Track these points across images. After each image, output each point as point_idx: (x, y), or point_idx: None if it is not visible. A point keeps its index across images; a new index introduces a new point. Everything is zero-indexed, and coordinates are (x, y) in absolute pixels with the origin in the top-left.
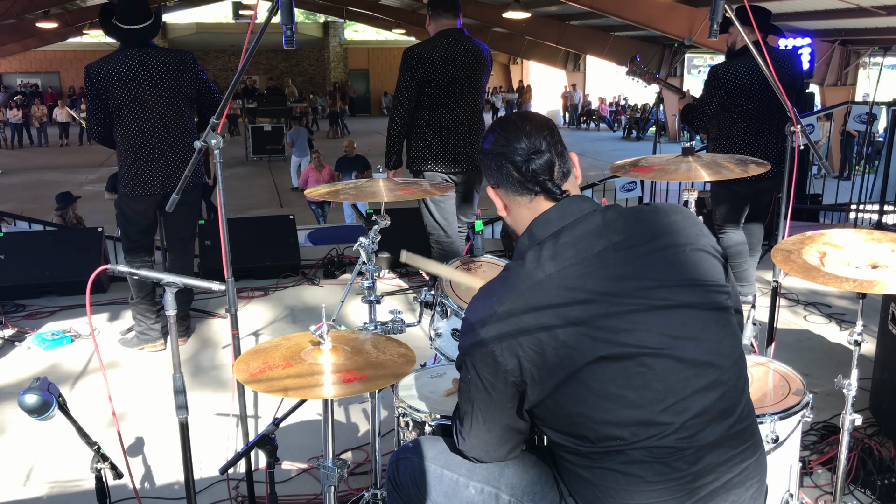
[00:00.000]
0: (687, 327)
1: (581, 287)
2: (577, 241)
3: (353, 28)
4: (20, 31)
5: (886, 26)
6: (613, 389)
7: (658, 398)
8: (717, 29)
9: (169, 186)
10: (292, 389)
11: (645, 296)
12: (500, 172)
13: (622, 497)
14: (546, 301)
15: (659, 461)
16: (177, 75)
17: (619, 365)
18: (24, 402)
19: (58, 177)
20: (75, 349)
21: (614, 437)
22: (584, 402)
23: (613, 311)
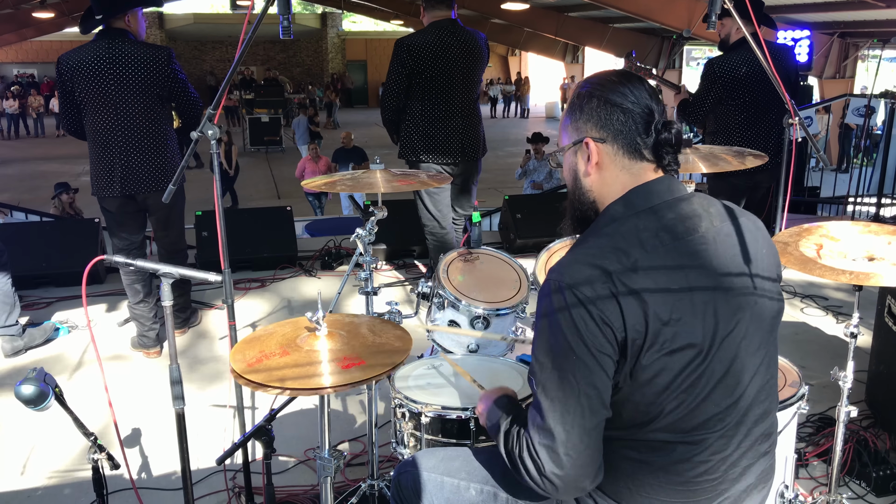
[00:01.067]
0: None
1: (688, 265)
2: (683, 217)
3: (350, 19)
4: (16, 21)
5: (885, 18)
6: (679, 382)
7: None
8: (714, 20)
9: (129, 189)
10: (289, 382)
11: (743, 293)
12: (617, 128)
13: (630, 485)
14: (655, 265)
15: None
16: (145, 71)
17: (700, 359)
18: (21, 392)
19: (55, 167)
20: (72, 340)
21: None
22: (661, 388)
23: (719, 301)
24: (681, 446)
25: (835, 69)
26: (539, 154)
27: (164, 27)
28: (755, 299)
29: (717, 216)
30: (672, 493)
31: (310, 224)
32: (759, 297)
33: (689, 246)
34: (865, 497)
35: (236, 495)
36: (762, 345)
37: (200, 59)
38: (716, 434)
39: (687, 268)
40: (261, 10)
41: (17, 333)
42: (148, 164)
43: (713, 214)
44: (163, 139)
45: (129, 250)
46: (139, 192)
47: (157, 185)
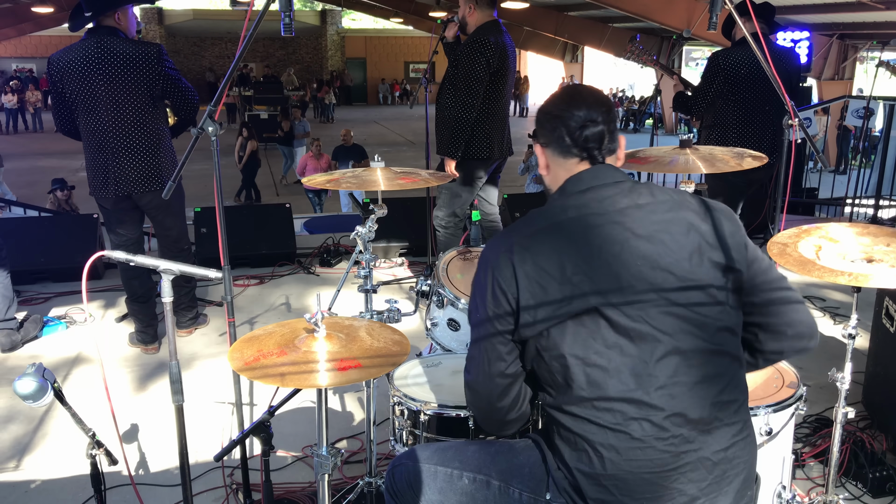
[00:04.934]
0: (682, 315)
1: (595, 238)
2: (603, 198)
3: (350, 16)
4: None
5: (885, 20)
6: (603, 340)
7: (644, 365)
8: (716, 21)
9: (122, 190)
10: (287, 377)
11: (654, 263)
12: (553, 133)
13: (609, 452)
14: (561, 240)
15: (642, 419)
16: (135, 70)
17: (611, 321)
18: (19, 387)
19: (53, 163)
20: (70, 335)
21: (601, 386)
22: (576, 345)
23: (624, 269)
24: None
25: (833, 71)
26: None
27: (164, 23)
28: (666, 296)
29: (644, 195)
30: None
31: (309, 221)
32: (670, 293)
33: (605, 218)
34: (862, 498)
35: (234, 492)
36: (680, 341)
37: (200, 55)
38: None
39: (596, 238)
40: (261, 7)
41: (14, 328)
42: (141, 164)
43: (642, 193)
44: (155, 138)
45: (126, 246)
46: (133, 192)
47: (150, 184)
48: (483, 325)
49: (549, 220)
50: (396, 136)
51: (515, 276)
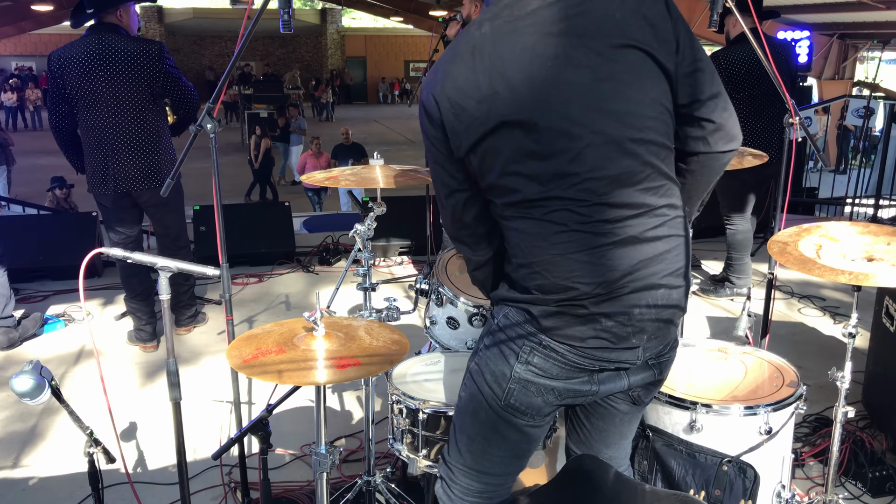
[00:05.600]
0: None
1: (509, 47)
2: (513, 4)
3: (350, 15)
4: (15, 14)
5: (885, 20)
6: (525, 148)
7: (565, 156)
8: (717, 20)
9: (121, 187)
10: (285, 374)
11: (567, 59)
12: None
13: (543, 245)
14: (476, 58)
15: (568, 209)
16: (136, 67)
17: (528, 132)
18: (17, 385)
19: (52, 161)
20: (69, 333)
21: (522, 190)
22: (502, 158)
23: (536, 73)
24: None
25: (834, 70)
26: None
27: (164, 21)
28: (584, 95)
29: (553, 11)
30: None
31: (308, 220)
32: (589, 108)
33: (513, 25)
34: (861, 497)
35: (232, 490)
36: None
37: (199, 53)
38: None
39: (507, 49)
40: (260, 4)
41: (13, 325)
42: (140, 161)
43: (549, 7)
44: (155, 136)
45: (125, 244)
46: (132, 189)
47: (149, 182)
48: (429, 154)
49: (465, 41)
50: (396, 135)
51: (437, 104)
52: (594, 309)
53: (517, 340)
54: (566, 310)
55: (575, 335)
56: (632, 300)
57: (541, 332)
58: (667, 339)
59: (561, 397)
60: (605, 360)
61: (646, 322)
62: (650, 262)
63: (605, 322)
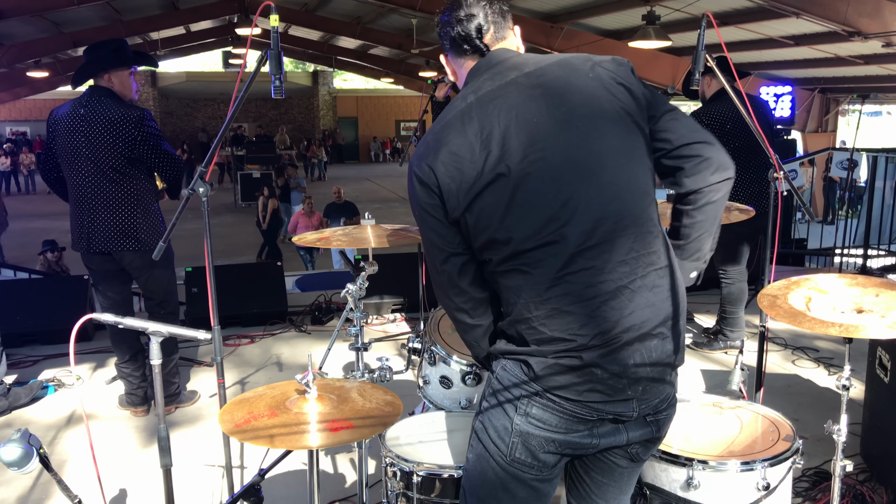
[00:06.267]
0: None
1: (495, 110)
2: (494, 75)
3: (341, 77)
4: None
5: (864, 75)
6: (517, 199)
7: (554, 206)
8: (698, 78)
9: (95, 246)
10: (277, 439)
11: (550, 118)
12: (445, 39)
13: (537, 301)
14: (465, 124)
15: (558, 260)
16: (114, 131)
17: (519, 184)
18: (4, 454)
19: (44, 224)
20: (59, 398)
21: (515, 239)
22: (496, 212)
23: (523, 129)
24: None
25: (817, 123)
26: None
27: (157, 85)
28: (563, 164)
29: (531, 63)
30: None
31: (300, 279)
32: (570, 162)
33: (497, 92)
34: None
35: None
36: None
37: (192, 115)
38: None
39: (493, 113)
40: (253, 68)
41: (2, 393)
42: (116, 222)
43: (529, 63)
44: (134, 198)
45: (114, 307)
46: (106, 249)
47: (126, 243)
48: (422, 223)
49: (453, 112)
50: (388, 193)
51: (432, 169)
52: (589, 360)
53: (514, 391)
54: (562, 361)
55: (571, 386)
56: (625, 353)
57: (537, 382)
58: (662, 394)
59: (562, 448)
60: (602, 410)
61: (640, 375)
62: (640, 311)
63: (600, 374)
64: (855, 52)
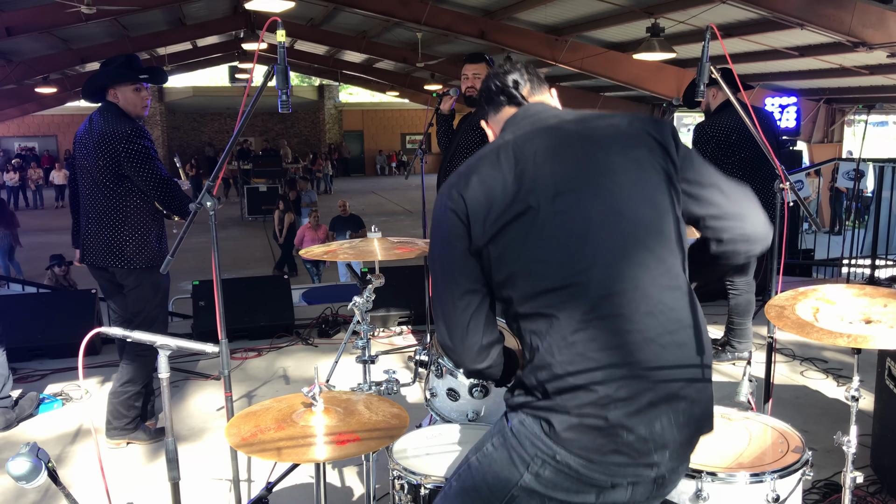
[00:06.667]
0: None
1: (531, 148)
2: (534, 122)
3: (347, 91)
4: (19, 97)
5: (869, 85)
6: (545, 234)
7: (582, 244)
8: (703, 89)
9: (87, 258)
10: (284, 452)
11: (587, 166)
12: (483, 102)
13: (561, 345)
14: (501, 159)
15: (584, 301)
16: (102, 147)
17: (547, 220)
18: (13, 468)
19: (52, 239)
20: (66, 413)
21: (541, 276)
22: (523, 246)
23: (558, 168)
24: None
25: (822, 134)
26: None
27: (164, 100)
28: (594, 207)
29: (572, 113)
30: None
31: (307, 292)
32: (605, 207)
33: (535, 133)
34: None
35: None
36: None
37: (199, 130)
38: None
39: (530, 150)
40: (260, 83)
41: (9, 406)
42: (102, 236)
43: (570, 113)
44: (121, 215)
45: (120, 321)
46: (94, 263)
47: (112, 259)
48: (444, 255)
49: (489, 147)
50: (394, 206)
51: (462, 198)
52: (615, 420)
53: (530, 449)
54: (586, 421)
55: (594, 448)
56: (652, 414)
57: (557, 444)
58: (685, 459)
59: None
60: (622, 474)
61: (666, 439)
62: (669, 371)
63: (626, 436)
64: (860, 62)
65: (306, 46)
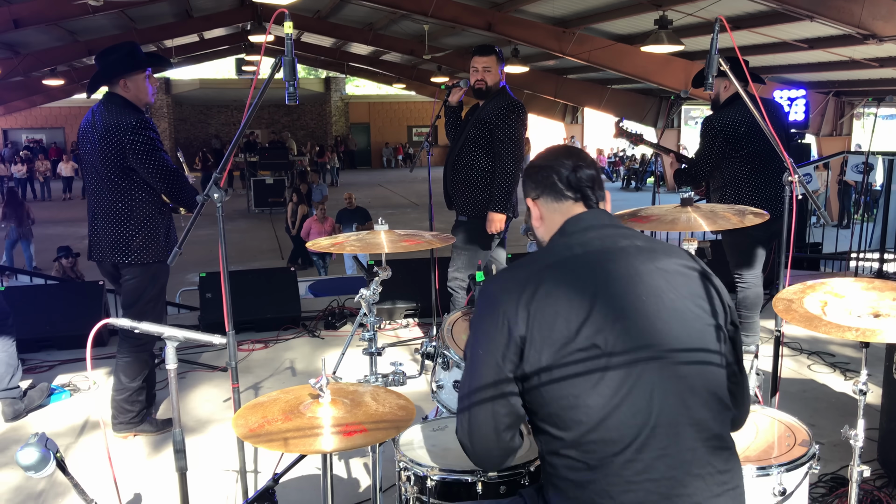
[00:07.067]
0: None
1: (602, 273)
2: (603, 236)
3: (354, 83)
4: (27, 89)
5: (879, 77)
6: (601, 377)
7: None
8: (711, 82)
9: (94, 255)
10: (291, 443)
11: (656, 303)
12: (545, 182)
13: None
14: (567, 276)
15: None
16: (107, 140)
17: (610, 358)
18: (21, 458)
19: (59, 230)
20: (74, 403)
21: (590, 424)
22: (574, 382)
23: (626, 309)
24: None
25: (831, 127)
26: None
27: (171, 92)
28: (662, 364)
29: (640, 237)
30: None
31: (313, 284)
32: (671, 363)
33: (607, 255)
34: None
35: None
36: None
37: (206, 122)
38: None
39: (589, 294)
40: (267, 75)
41: (18, 397)
42: (106, 232)
43: (639, 236)
44: (125, 209)
45: None
46: (101, 259)
47: (118, 255)
48: (487, 368)
49: (554, 257)
50: (400, 199)
51: (519, 312)
52: None
53: None
54: None
55: None
56: None
57: None
58: None
59: None
60: None
61: None
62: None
63: None
64: (870, 54)
65: (313, 38)
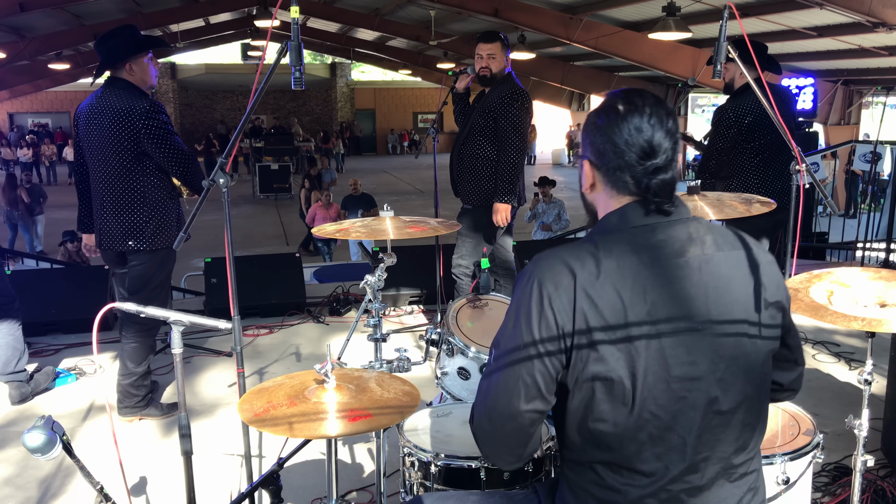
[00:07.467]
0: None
1: (653, 279)
2: (670, 238)
3: (359, 69)
4: (32, 73)
5: (888, 66)
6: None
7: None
8: (720, 70)
9: (104, 243)
10: (296, 427)
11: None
12: (609, 164)
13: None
14: (620, 268)
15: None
16: (121, 124)
17: (662, 352)
18: (28, 440)
19: (65, 215)
20: (80, 387)
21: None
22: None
23: (683, 303)
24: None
25: (839, 116)
26: (547, 197)
27: (177, 77)
28: (737, 340)
29: (711, 244)
30: None
31: (318, 270)
32: (744, 336)
33: (667, 270)
34: None
35: None
36: (737, 390)
37: (211, 107)
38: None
39: (651, 291)
40: (273, 60)
41: (25, 380)
42: (118, 219)
43: (706, 242)
44: (140, 196)
45: None
46: (112, 247)
47: (131, 241)
48: (521, 349)
49: (604, 244)
50: (406, 185)
51: (568, 297)
52: None
53: None
54: None
55: None
56: None
57: None
58: None
59: None
60: None
61: None
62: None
63: None
64: (879, 43)
65: (319, 24)
